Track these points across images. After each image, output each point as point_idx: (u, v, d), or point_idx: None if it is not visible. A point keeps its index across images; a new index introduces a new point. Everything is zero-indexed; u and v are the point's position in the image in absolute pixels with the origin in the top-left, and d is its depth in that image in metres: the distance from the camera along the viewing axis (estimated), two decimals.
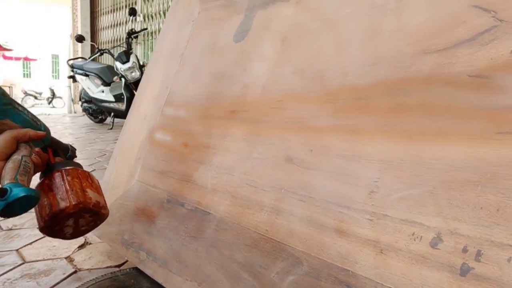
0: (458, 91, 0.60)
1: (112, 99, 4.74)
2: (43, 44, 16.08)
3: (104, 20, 7.60)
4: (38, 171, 0.66)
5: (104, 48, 5.15)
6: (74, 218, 0.63)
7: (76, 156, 0.82)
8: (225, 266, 0.81)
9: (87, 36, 7.36)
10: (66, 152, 0.77)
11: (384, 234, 0.60)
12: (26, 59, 16.35)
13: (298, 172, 0.76)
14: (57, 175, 0.66)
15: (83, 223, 0.66)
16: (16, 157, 0.59)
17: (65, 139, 4.12)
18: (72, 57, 6.09)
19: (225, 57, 1.06)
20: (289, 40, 0.90)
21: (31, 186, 0.59)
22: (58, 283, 1.13)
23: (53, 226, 0.62)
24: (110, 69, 4.96)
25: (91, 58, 5.26)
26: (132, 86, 4.48)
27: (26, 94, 13.30)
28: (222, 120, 0.98)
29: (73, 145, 0.80)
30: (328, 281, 0.64)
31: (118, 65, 4.47)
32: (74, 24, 7.94)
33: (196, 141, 1.02)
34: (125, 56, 4.43)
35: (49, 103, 13.40)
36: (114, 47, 5.09)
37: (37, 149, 0.65)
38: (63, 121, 6.28)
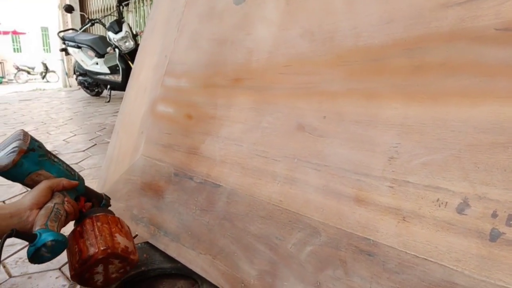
0: (484, 47, 0.56)
1: (107, 71, 4.64)
2: (31, 17, 15.59)
3: None
4: (71, 219, 0.67)
5: (95, 18, 4.97)
6: (103, 264, 0.63)
7: (110, 205, 0.83)
8: (239, 239, 0.80)
9: (76, 6, 7.09)
10: (100, 201, 0.78)
11: (406, 201, 0.58)
12: (14, 32, 15.91)
13: (311, 140, 0.73)
14: (88, 222, 0.67)
15: (113, 270, 0.65)
16: (49, 204, 0.61)
17: (62, 114, 4.08)
18: (62, 29, 5.89)
19: (226, 22, 1.00)
20: None
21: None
22: None
23: (83, 273, 0.62)
24: (103, 40, 4.80)
25: (82, 29, 5.11)
26: (127, 57, 4.37)
27: (18, 69, 13.04)
28: (226, 89, 0.94)
29: (107, 194, 0.81)
30: (348, 250, 0.63)
31: (111, 35, 4.33)
32: None
33: (201, 112, 0.98)
34: (117, 26, 4.28)
35: (42, 78, 13.17)
36: (105, 16, 4.92)
37: (68, 198, 0.67)
38: (59, 96, 6.19)
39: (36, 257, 0.55)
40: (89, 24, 4.78)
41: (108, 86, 4.84)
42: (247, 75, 0.90)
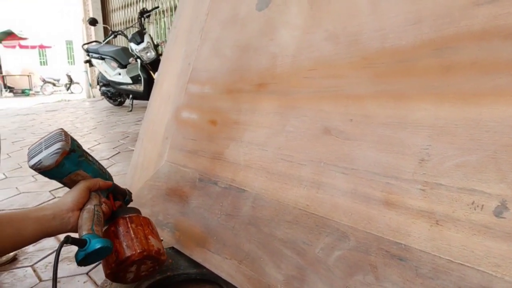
0: None
1: (130, 81, 4.74)
2: (56, 31, 16.14)
3: (115, 1, 7.52)
4: (106, 219, 0.70)
5: (118, 30, 5.10)
6: (137, 264, 0.66)
7: (132, 200, 0.86)
8: (266, 244, 0.79)
9: (99, 19, 7.31)
10: (124, 196, 0.81)
11: (439, 204, 0.56)
12: (41, 47, 16.49)
13: (337, 144, 0.72)
14: (122, 223, 0.69)
15: (144, 269, 0.69)
16: (90, 207, 0.64)
17: (87, 124, 4.18)
18: (86, 42, 6.07)
19: (249, 28, 1.01)
20: (318, 2, 0.84)
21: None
22: (98, 264, 1.15)
23: (118, 272, 0.65)
24: (125, 51, 4.93)
25: (105, 41, 5.24)
26: (148, 67, 4.46)
27: (44, 81, 13.48)
28: (250, 94, 0.94)
29: (129, 189, 0.84)
30: (379, 255, 0.61)
31: (133, 46, 4.43)
32: (85, 7, 7.89)
33: (225, 118, 0.98)
34: (139, 37, 4.39)
35: (67, 89, 13.57)
36: (127, 28, 5.04)
37: (104, 198, 0.69)
38: (83, 106, 6.36)
39: (84, 261, 0.58)
40: (112, 36, 4.90)
41: (131, 96, 4.94)
42: (271, 80, 0.90)
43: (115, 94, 5.50)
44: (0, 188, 1.96)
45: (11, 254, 1.20)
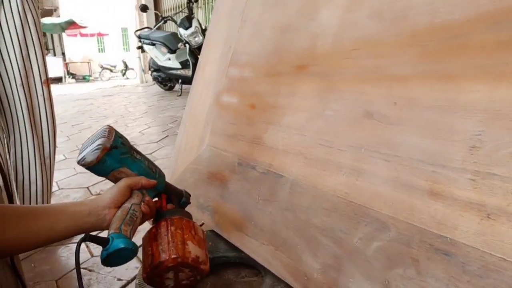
0: None
1: (179, 66, 4.85)
2: (113, 19, 16.86)
3: None
4: (148, 219, 0.67)
5: (167, 15, 5.21)
6: (173, 271, 0.62)
7: (190, 203, 0.81)
8: (302, 231, 0.77)
9: (150, 5, 7.51)
10: (180, 198, 0.77)
11: (492, 196, 0.51)
12: (99, 34, 17.33)
13: (379, 129, 0.68)
14: (163, 225, 0.66)
15: (183, 277, 0.64)
16: (126, 205, 0.62)
17: (139, 108, 4.36)
18: (138, 28, 6.28)
19: (289, 8, 0.97)
20: None
21: (141, 233, 0.61)
22: None
23: (154, 277, 0.62)
24: (175, 36, 5.03)
25: (156, 27, 5.38)
26: (196, 52, 4.52)
27: (102, 68, 14.21)
28: (289, 76, 0.91)
29: (187, 191, 0.79)
30: (421, 248, 0.57)
31: (181, 31, 4.51)
32: None
33: (263, 102, 0.96)
34: (188, 22, 4.45)
35: (123, 75, 14.20)
36: (176, 13, 5.14)
37: (148, 198, 0.67)
38: (136, 91, 6.63)
39: (107, 261, 0.56)
40: (162, 21, 5.02)
41: (180, 81, 5.06)
42: (311, 61, 0.86)
43: (165, 79, 5.66)
44: (60, 168, 2.11)
45: None
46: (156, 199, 0.72)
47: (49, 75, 1.22)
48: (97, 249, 1.23)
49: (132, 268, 1.10)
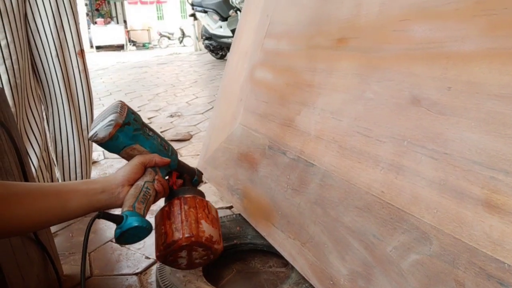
0: None
1: (230, 34, 4.76)
2: None
3: None
4: (161, 197, 0.66)
5: None
6: (187, 250, 0.61)
7: (202, 181, 0.80)
8: (331, 229, 0.69)
9: None
10: (193, 176, 0.75)
11: None
12: (158, 2, 17.61)
13: (428, 119, 0.56)
14: (176, 203, 0.64)
15: (196, 256, 0.63)
16: (139, 183, 0.60)
17: (189, 77, 4.37)
18: None
19: None
20: None
21: (153, 211, 0.57)
22: None
23: (167, 255, 0.61)
24: (226, 3, 4.91)
25: None
26: None
27: (161, 35, 14.50)
28: (328, 51, 0.80)
29: (199, 170, 0.77)
30: (470, 271, 0.47)
31: None
32: None
33: (298, 79, 0.86)
34: None
35: (180, 42, 14.41)
36: None
37: (160, 176, 0.65)
38: (189, 59, 6.68)
39: (122, 239, 0.55)
40: None
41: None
42: (353, 34, 0.74)
43: (217, 48, 5.61)
44: None
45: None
46: (167, 177, 0.69)
47: (83, 46, 1.21)
48: None
49: None
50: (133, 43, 14.01)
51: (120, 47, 12.22)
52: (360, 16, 0.73)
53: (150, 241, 1.06)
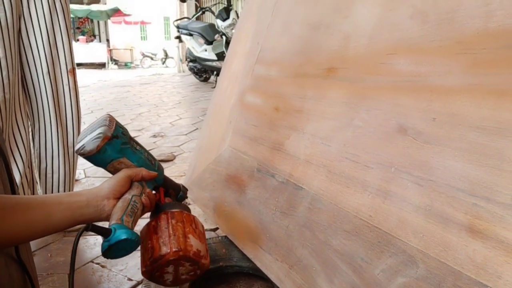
0: None
1: (215, 57, 4.83)
2: (156, 8, 17.17)
3: None
4: (147, 212, 0.65)
5: (206, 6, 5.19)
6: (174, 265, 0.60)
7: (187, 197, 0.80)
8: (320, 252, 0.70)
9: None
10: (178, 192, 0.76)
11: None
12: (142, 22, 17.71)
13: (414, 147, 0.59)
14: (163, 217, 0.64)
15: (183, 272, 0.62)
16: (127, 196, 0.60)
17: (173, 98, 4.38)
18: (178, 18, 6.32)
19: (322, 3, 0.89)
20: None
21: (138, 226, 0.59)
22: None
23: (154, 271, 0.60)
24: (212, 28, 5.01)
25: (194, 17, 5.38)
26: None
27: (143, 55, 14.52)
28: (317, 79, 0.83)
29: (184, 186, 0.78)
30: None
31: (219, 22, 4.48)
32: None
33: (288, 104, 0.89)
34: (225, 13, 4.41)
35: (163, 63, 14.45)
36: (215, 4, 5.11)
37: (148, 190, 0.65)
38: (172, 81, 6.70)
39: (109, 253, 0.54)
40: (200, 12, 5.02)
41: (215, 72, 5.04)
42: (341, 64, 0.78)
43: (201, 70, 5.67)
44: None
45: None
46: (153, 192, 0.69)
47: (75, 65, 1.21)
48: None
49: None
50: (115, 61, 13.95)
51: (101, 65, 12.14)
52: (349, 48, 0.77)
53: (132, 262, 1.04)
